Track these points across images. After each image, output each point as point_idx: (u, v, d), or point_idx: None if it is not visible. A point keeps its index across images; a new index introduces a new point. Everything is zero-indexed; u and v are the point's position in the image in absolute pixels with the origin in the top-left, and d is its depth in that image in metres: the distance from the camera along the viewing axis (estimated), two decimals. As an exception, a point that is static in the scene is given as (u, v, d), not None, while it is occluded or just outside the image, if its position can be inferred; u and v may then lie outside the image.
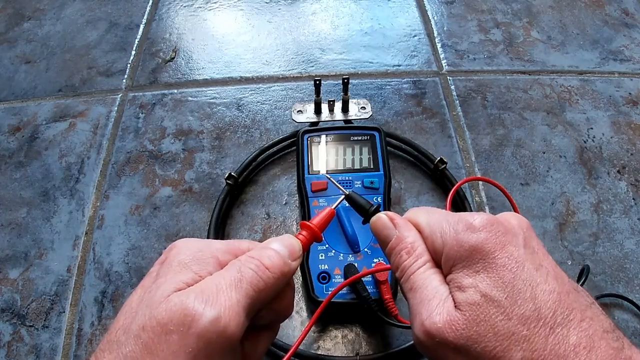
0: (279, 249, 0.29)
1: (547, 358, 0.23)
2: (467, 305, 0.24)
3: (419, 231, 0.30)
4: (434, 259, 0.28)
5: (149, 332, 0.24)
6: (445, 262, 0.27)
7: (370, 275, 0.44)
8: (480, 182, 0.57)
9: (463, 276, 0.26)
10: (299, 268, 0.31)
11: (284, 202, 0.56)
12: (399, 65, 0.70)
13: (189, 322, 0.24)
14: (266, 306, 0.29)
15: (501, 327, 0.23)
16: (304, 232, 0.32)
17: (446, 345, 0.25)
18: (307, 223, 0.32)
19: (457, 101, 0.65)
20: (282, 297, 0.30)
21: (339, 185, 0.37)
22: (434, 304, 0.26)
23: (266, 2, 0.79)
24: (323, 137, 0.52)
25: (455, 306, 0.25)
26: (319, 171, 0.50)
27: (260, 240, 0.31)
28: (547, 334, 0.23)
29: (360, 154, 0.51)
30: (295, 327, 0.47)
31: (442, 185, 0.56)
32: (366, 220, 0.33)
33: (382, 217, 0.32)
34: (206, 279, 0.27)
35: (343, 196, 0.35)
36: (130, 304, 0.27)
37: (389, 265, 0.44)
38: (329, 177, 0.41)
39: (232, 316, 0.25)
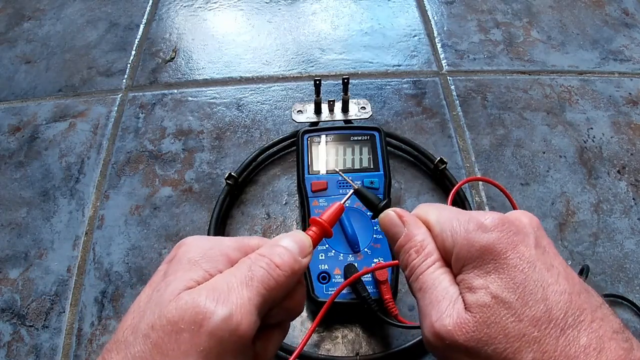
0: (289, 246, 0.29)
1: (558, 359, 0.22)
2: (478, 307, 0.24)
3: (429, 229, 0.29)
4: (444, 258, 0.28)
5: (159, 331, 0.23)
6: (455, 261, 0.27)
7: (370, 276, 0.44)
8: (480, 182, 0.57)
9: (474, 277, 0.25)
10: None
11: (284, 202, 0.56)
12: (399, 65, 0.70)
13: (200, 320, 0.23)
14: (277, 304, 0.28)
15: (512, 329, 0.23)
16: (313, 228, 0.31)
17: (456, 348, 0.24)
18: (317, 218, 0.32)
19: (457, 101, 0.65)
20: (292, 294, 0.29)
21: (348, 179, 0.36)
22: (443, 305, 0.25)
23: (266, 2, 0.79)
24: (323, 137, 0.52)
25: (466, 308, 0.25)
26: (319, 171, 0.50)
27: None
28: (558, 336, 0.23)
29: (360, 154, 0.51)
30: (295, 327, 0.47)
31: (442, 185, 0.56)
32: (375, 216, 0.33)
33: (390, 213, 0.31)
34: (217, 277, 0.26)
35: (352, 191, 0.34)
36: (138, 303, 0.26)
37: (387, 263, 0.44)
38: (338, 171, 0.41)
39: (244, 314, 0.24)
